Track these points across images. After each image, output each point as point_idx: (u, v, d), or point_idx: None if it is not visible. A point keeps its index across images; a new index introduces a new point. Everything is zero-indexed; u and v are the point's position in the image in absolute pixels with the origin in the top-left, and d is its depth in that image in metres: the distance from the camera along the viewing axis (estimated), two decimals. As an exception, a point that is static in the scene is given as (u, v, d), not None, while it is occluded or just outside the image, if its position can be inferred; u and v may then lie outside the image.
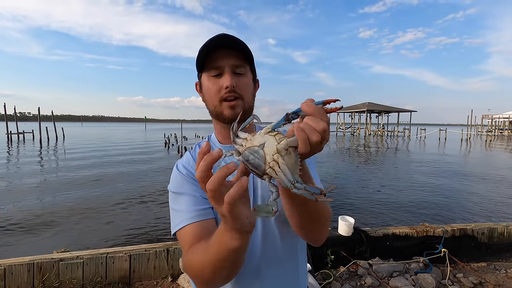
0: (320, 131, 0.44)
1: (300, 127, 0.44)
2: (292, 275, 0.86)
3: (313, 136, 0.44)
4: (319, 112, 0.44)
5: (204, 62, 0.76)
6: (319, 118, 0.44)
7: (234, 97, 0.74)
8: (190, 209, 0.74)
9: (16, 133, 30.43)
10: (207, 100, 0.80)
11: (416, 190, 8.47)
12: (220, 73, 0.75)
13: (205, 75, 0.78)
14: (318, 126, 0.44)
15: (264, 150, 0.48)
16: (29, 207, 6.66)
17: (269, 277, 0.80)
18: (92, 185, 9.08)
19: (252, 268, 0.78)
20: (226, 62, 0.74)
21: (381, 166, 13.74)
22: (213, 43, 0.72)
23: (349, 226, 3.18)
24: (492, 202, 7.28)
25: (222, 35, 0.73)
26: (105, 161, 14.42)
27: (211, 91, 0.77)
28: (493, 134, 43.55)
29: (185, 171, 0.82)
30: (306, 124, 0.44)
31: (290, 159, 0.47)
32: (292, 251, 0.85)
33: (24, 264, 2.53)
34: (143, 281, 2.76)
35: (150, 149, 21.46)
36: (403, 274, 3.00)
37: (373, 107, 42.39)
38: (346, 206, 6.75)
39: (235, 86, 0.74)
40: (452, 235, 3.35)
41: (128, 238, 4.95)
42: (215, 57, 0.74)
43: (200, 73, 0.80)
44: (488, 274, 3.04)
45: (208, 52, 0.73)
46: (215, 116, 0.80)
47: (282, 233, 0.81)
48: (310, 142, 0.44)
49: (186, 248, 0.70)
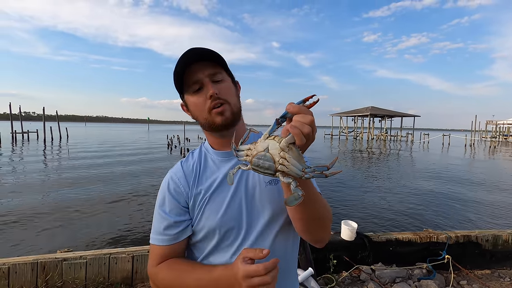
0: (308, 123, 0.53)
1: (292, 125, 0.53)
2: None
3: (305, 129, 0.53)
4: (302, 109, 0.54)
5: (182, 82, 0.78)
6: (305, 113, 0.54)
7: (220, 104, 0.76)
8: (161, 232, 0.81)
9: (21, 132, 30.70)
10: (197, 115, 0.81)
11: (420, 196, 8.41)
12: (200, 87, 0.77)
13: (187, 94, 0.80)
14: (306, 119, 0.53)
15: (270, 152, 0.56)
16: (32, 206, 6.70)
17: None
18: (95, 185, 9.12)
19: None
20: (202, 73, 0.76)
21: (384, 170, 13.67)
22: (184, 61, 0.74)
23: (352, 230, 3.17)
24: (497, 208, 7.21)
25: (188, 51, 0.74)
26: (108, 162, 14.49)
27: (198, 105, 0.78)
28: (498, 140, 43.21)
29: (172, 185, 0.83)
30: (296, 121, 0.54)
31: (294, 153, 0.56)
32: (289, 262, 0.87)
33: (28, 263, 2.55)
34: (145, 282, 2.77)
35: (152, 150, 21.55)
36: (406, 280, 2.98)
37: (376, 111, 42.24)
38: (349, 210, 6.72)
39: (218, 93, 0.75)
40: (456, 241, 3.33)
41: (131, 239, 4.96)
42: (190, 73, 0.76)
43: (182, 93, 0.82)
44: (492, 282, 3.01)
45: (181, 70, 0.75)
46: (208, 128, 0.81)
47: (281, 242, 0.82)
48: (303, 134, 0.53)
49: (153, 263, 0.80)
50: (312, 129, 0.54)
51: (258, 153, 0.57)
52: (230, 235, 0.78)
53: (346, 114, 47.20)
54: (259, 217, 0.79)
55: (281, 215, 0.80)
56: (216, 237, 0.78)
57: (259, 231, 0.78)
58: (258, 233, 0.78)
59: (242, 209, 0.79)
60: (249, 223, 0.78)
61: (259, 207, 0.79)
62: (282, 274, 0.82)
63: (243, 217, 0.78)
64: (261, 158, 0.56)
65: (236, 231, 0.78)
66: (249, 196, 0.80)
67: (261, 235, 0.78)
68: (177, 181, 0.83)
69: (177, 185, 0.82)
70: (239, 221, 0.78)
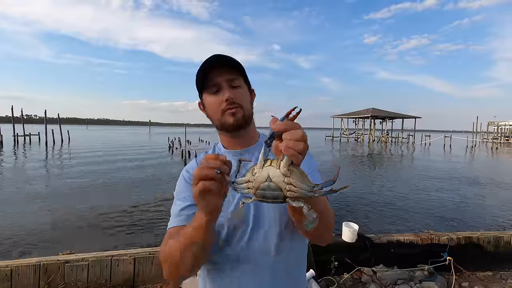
0: (300, 139, 0.51)
1: (286, 147, 0.51)
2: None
3: (299, 146, 0.51)
4: (289, 124, 0.52)
5: (203, 82, 0.85)
6: (293, 128, 0.52)
7: (234, 107, 0.83)
8: (177, 214, 0.83)
9: (23, 135, 30.80)
10: (211, 115, 0.88)
11: (421, 197, 8.39)
12: (218, 89, 0.83)
13: (206, 94, 0.86)
14: (297, 135, 0.51)
15: (274, 181, 0.54)
16: (34, 209, 6.73)
17: None
18: (97, 188, 9.15)
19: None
20: (221, 77, 0.82)
21: (385, 172, 13.65)
22: (208, 64, 0.81)
23: (353, 232, 3.17)
24: (499, 210, 7.18)
25: (214, 56, 0.82)
26: (110, 165, 14.53)
27: (213, 106, 0.85)
28: (499, 141, 43.06)
29: (187, 175, 0.90)
30: (287, 140, 0.51)
31: (296, 174, 0.54)
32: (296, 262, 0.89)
33: (30, 265, 2.56)
34: (146, 284, 2.77)
35: (154, 153, 21.57)
36: (408, 282, 2.98)
37: (377, 113, 42.21)
38: (350, 212, 6.71)
39: (234, 97, 0.82)
40: (458, 243, 3.32)
41: (133, 241, 4.97)
42: (211, 76, 0.83)
43: (201, 93, 0.89)
44: (494, 284, 3.00)
45: (204, 72, 0.82)
46: (221, 127, 0.88)
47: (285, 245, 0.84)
48: (299, 152, 0.51)
49: (165, 242, 0.78)
50: (305, 143, 0.52)
51: (261, 185, 0.56)
52: (237, 231, 0.81)
53: (347, 116, 47.17)
54: (266, 215, 0.82)
55: (287, 214, 0.81)
56: (224, 233, 0.81)
57: (266, 229, 0.81)
58: (265, 231, 0.81)
59: (250, 206, 0.82)
60: (255, 221, 0.82)
61: (266, 206, 0.81)
62: (290, 273, 0.85)
63: (250, 215, 0.82)
64: (266, 189, 0.55)
65: (244, 228, 0.81)
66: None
67: (268, 233, 0.81)
68: (192, 171, 0.86)
69: (191, 175, 0.86)
70: (246, 218, 0.82)
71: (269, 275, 0.81)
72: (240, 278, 0.81)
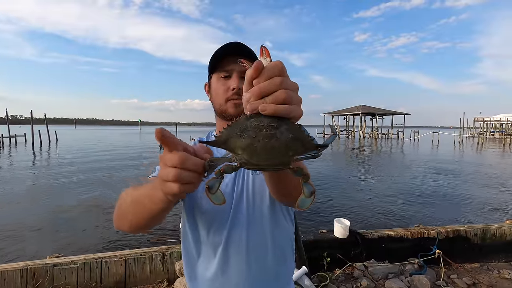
0: (283, 101, 0.40)
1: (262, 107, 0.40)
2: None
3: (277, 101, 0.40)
4: (262, 87, 0.41)
5: (216, 64, 0.83)
6: (267, 90, 0.40)
7: (238, 99, 0.81)
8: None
9: (8, 136, 29.93)
10: (214, 99, 0.87)
11: (411, 192, 8.54)
12: (228, 75, 0.82)
13: (215, 76, 0.85)
14: (272, 85, 0.40)
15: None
16: (20, 212, 6.56)
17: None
18: (85, 189, 8.97)
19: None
20: (234, 66, 0.80)
21: (375, 168, 13.84)
22: (227, 49, 0.79)
23: (345, 228, 3.20)
24: (484, 202, 7.38)
25: (236, 43, 0.80)
26: (99, 165, 14.27)
27: (219, 91, 0.83)
28: (485, 137, 44.22)
29: None
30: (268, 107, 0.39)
31: None
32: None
33: (17, 269, 2.49)
34: (138, 285, 2.74)
35: (145, 152, 21.32)
36: (398, 275, 3.03)
37: (367, 110, 42.74)
38: (341, 208, 6.78)
39: (241, 89, 0.79)
40: (446, 236, 3.40)
41: (123, 242, 4.90)
42: (227, 62, 0.81)
43: (211, 74, 0.86)
44: (481, 275, 3.08)
45: (221, 56, 0.80)
46: (220, 114, 0.86)
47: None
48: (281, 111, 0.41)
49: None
50: (287, 93, 0.39)
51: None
52: (221, 215, 0.80)
53: (338, 113, 47.61)
54: (245, 200, 0.81)
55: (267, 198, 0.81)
56: (210, 217, 0.80)
57: (245, 213, 0.79)
58: (246, 216, 0.79)
59: (234, 191, 0.81)
60: (236, 205, 0.80)
61: (252, 191, 0.81)
62: (276, 260, 0.83)
63: (233, 199, 0.81)
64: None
65: (225, 213, 0.80)
66: (246, 181, 0.82)
67: (250, 217, 0.79)
68: None
69: None
70: (228, 203, 0.79)
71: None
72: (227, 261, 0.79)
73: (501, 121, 55.20)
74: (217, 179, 0.45)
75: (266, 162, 0.41)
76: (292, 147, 0.40)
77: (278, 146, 0.39)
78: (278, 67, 0.40)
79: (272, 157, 0.40)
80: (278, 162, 0.42)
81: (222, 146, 0.43)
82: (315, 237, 3.21)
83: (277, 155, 0.40)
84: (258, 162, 0.41)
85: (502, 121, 54.76)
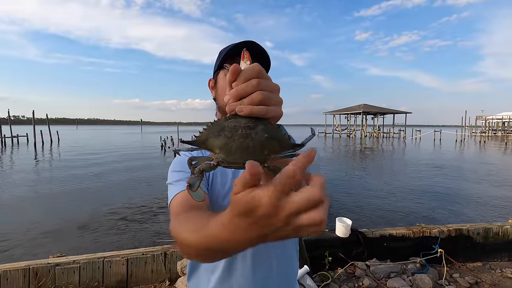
0: (259, 102, 0.40)
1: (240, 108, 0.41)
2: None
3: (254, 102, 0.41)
4: (239, 89, 0.41)
5: (225, 61, 0.81)
6: (244, 92, 0.41)
7: None
8: (180, 178, 0.76)
9: (10, 136, 30.06)
10: (219, 95, 0.85)
11: (412, 191, 8.52)
12: None
13: (223, 72, 0.83)
14: (249, 86, 0.40)
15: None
16: (20, 213, 6.59)
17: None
18: (86, 189, 9.00)
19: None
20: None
21: (377, 167, 13.81)
22: (238, 47, 0.77)
23: (346, 227, 3.19)
24: (487, 201, 7.35)
25: (247, 42, 0.78)
26: (101, 166, 14.31)
27: (224, 88, 0.82)
28: (487, 135, 44.04)
29: (183, 154, 0.82)
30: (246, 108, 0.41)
31: None
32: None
33: (19, 269, 2.50)
34: (140, 285, 2.74)
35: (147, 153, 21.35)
36: (400, 274, 3.02)
37: (369, 108, 42.65)
38: (343, 207, 6.78)
39: None
40: (448, 235, 3.38)
41: (125, 242, 4.91)
42: (236, 60, 0.79)
43: (218, 71, 0.85)
44: (484, 274, 3.07)
45: (232, 53, 0.79)
46: (223, 112, 0.84)
47: None
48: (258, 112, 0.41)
49: (173, 216, 0.67)
50: (263, 94, 0.40)
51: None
52: None
53: (339, 112, 47.52)
54: None
55: None
56: None
57: None
58: None
59: None
60: None
61: None
62: (281, 260, 0.83)
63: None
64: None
65: None
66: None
67: None
68: (186, 153, 0.82)
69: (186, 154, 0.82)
70: (228, 203, 0.79)
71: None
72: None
73: (503, 119, 54.90)
74: (197, 177, 0.46)
75: (241, 160, 0.42)
76: (267, 147, 0.42)
77: (252, 145, 0.41)
78: (255, 70, 0.41)
79: (246, 156, 0.41)
80: (253, 160, 0.40)
81: (202, 146, 0.45)
82: (316, 236, 3.21)
83: (251, 154, 0.42)
84: (234, 161, 0.43)
85: (504, 120, 54.46)
